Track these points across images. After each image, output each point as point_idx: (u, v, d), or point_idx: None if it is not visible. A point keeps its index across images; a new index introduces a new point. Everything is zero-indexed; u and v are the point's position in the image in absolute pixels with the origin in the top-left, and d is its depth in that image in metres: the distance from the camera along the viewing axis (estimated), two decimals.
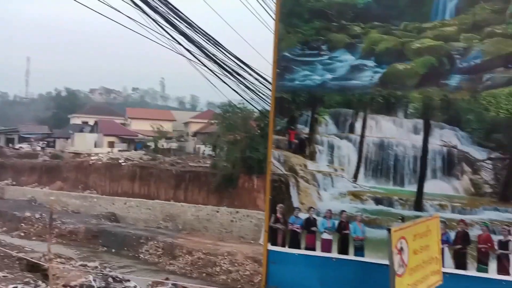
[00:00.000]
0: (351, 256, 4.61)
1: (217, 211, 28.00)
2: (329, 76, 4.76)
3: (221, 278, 20.26)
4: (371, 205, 4.63)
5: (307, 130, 4.89)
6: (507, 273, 4.13)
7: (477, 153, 4.31)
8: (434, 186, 4.44)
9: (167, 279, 16.62)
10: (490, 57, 4.24)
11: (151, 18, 7.47)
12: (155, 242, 23.90)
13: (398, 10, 4.55)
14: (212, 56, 8.68)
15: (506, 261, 4.15)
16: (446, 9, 4.39)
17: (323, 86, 4.78)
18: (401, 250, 3.53)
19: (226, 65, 9.19)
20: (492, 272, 4.19)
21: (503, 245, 4.18)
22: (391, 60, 4.55)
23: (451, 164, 4.40)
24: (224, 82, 10.02)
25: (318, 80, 4.79)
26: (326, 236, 4.71)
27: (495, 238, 4.19)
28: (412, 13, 4.50)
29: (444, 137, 4.42)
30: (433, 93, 4.41)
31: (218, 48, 8.78)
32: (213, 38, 8.49)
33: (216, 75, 9.14)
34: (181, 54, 8.06)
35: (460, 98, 4.32)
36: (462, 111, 4.33)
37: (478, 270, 4.23)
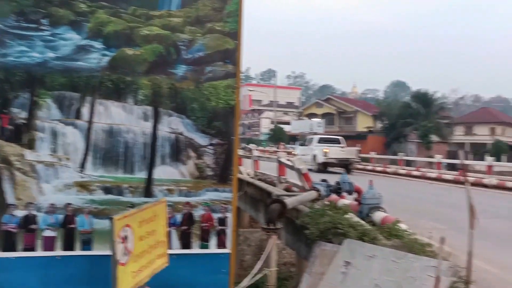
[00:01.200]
0: (78, 252, 4.30)
1: None
2: (51, 54, 4.26)
3: None
4: (99, 195, 4.41)
5: (24, 114, 4.26)
6: (224, 246, 4.64)
7: (201, 139, 4.67)
8: (163, 172, 4.57)
9: None
10: (211, 52, 4.63)
11: None
12: None
13: None
14: None
15: (223, 236, 4.66)
16: (172, 0, 4.54)
17: (44, 65, 4.25)
18: (125, 238, 3.46)
19: None
20: (212, 247, 4.63)
21: (221, 221, 4.67)
22: (120, 44, 4.42)
23: (178, 150, 4.62)
24: None
25: (38, 58, 4.23)
26: (48, 233, 4.23)
27: (215, 216, 4.64)
28: None
29: (172, 125, 4.60)
30: (162, 81, 4.51)
31: None
32: None
33: None
34: None
35: (185, 87, 4.56)
36: (187, 100, 4.58)
37: (201, 247, 4.60)
